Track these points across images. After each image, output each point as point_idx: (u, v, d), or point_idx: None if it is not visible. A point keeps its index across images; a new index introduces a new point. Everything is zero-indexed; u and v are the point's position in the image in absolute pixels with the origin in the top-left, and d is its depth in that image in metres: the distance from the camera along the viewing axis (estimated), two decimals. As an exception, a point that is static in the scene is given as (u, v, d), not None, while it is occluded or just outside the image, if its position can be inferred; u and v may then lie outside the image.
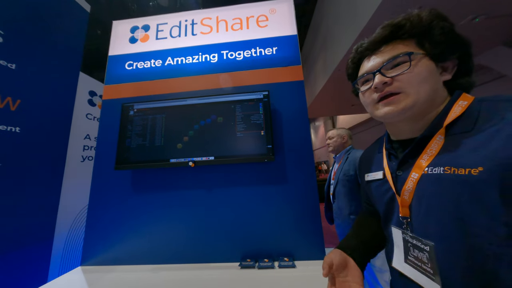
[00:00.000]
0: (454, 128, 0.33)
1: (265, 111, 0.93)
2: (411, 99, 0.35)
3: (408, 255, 0.36)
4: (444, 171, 0.31)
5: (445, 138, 0.33)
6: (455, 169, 0.30)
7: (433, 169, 0.33)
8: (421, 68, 0.34)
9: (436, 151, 0.34)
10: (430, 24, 0.34)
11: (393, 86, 0.35)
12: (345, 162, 1.29)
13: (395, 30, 0.36)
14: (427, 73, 0.34)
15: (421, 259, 0.34)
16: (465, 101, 0.34)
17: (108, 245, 0.92)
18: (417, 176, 0.35)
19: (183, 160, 0.92)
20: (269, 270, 0.76)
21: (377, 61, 0.38)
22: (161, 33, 1.16)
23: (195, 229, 0.91)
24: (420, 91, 0.34)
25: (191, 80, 1.08)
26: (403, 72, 0.34)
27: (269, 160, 0.88)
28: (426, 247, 0.33)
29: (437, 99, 0.36)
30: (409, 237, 0.36)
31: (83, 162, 1.56)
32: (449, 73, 0.36)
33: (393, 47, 0.37)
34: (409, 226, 0.36)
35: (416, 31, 0.35)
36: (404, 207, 0.37)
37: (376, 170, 0.45)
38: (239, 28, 1.12)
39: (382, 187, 0.42)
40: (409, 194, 0.36)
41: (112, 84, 1.12)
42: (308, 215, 0.87)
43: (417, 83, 0.34)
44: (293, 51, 1.06)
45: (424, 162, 0.34)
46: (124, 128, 0.98)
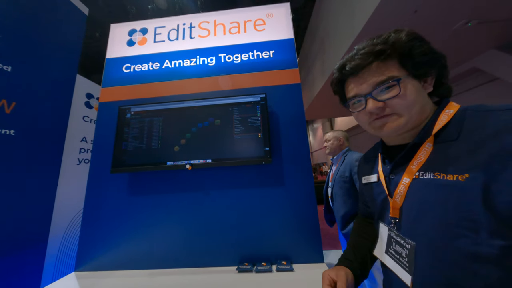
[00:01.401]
0: (442, 136, 0.35)
1: (262, 113, 0.93)
2: (404, 119, 0.37)
3: (389, 247, 0.41)
4: (434, 177, 0.34)
5: (434, 145, 0.36)
6: (444, 175, 0.32)
7: (424, 174, 0.35)
8: (410, 90, 0.36)
9: (425, 158, 0.36)
10: (411, 46, 0.36)
11: (387, 110, 0.38)
12: (341, 164, 1.31)
13: (377, 55, 0.37)
14: (415, 94, 0.36)
15: (400, 253, 0.38)
16: (451, 109, 0.36)
17: (103, 249, 0.91)
18: (408, 180, 0.37)
19: (180, 163, 0.92)
20: (267, 274, 0.76)
21: (365, 87, 0.39)
22: (159, 36, 1.17)
23: (192, 233, 0.90)
24: (412, 112, 0.37)
25: (188, 83, 1.08)
26: (395, 97, 0.36)
27: (267, 162, 0.88)
28: (408, 245, 0.36)
29: (425, 111, 0.38)
30: (394, 234, 0.40)
31: (79, 165, 1.54)
32: (430, 84, 0.39)
33: (378, 69, 0.38)
34: (396, 225, 0.40)
35: (397, 54, 0.37)
36: (395, 208, 0.40)
37: (371, 173, 0.49)
38: (237, 32, 1.13)
39: (377, 189, 0.46)
40: (401, 197, 0.38)
41: (109, 87, 1.12)
42: (306, 217, 0.87)
43: (408, 106, 0.36)
44: (290, 55, 1.07)
45: (414, 167, 0.37)
46: (121, 131, 0.98)
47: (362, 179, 0.52)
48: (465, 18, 1.93)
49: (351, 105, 0.44)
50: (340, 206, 1.25)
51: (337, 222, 1.30)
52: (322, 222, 1.52)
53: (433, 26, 2.01)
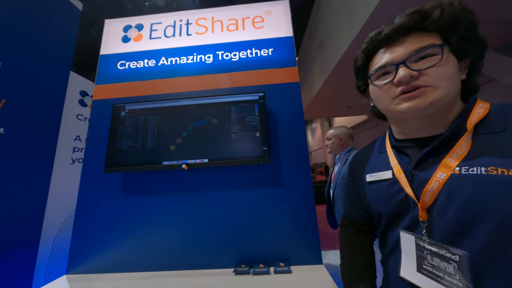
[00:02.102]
0: (481, 128, 0.32)
1: (260, 112, 0.92)
2: (440, 92, 0.32)
3: (424, 263, 0.32)
4: (487, 172, 0.29)
5: (473, 138, 0.32)
6: (503, 170, 0.28)
7: (470, 169, 0.30)
8: (450, 62, 0.33)
9: (466, 151, 0.31)
10: (460, 16, 0.32)
11: (421, 80, 0.32)
12: (343, 164, 1.24)
13: (422, 18, 0.33)
14: (455, 68, 0.33)
15: (444, 269, 0.30)
16: (484, 103, 0.33)
17: (95, 252, 0.88)
18: (445, 176, 0.31)
19: (176, 163, 0.90)
20: (265, 276, 0.74)
21: (401, 52, 0.34)
22: (155, 33, 1.15)
23: (188, 234, 0.88)
24: (450, 86, 0.32)
25: (185, 80, 1.06)
26: (435, 65, 0.32)
27: (264, 162, 0.87)
28: (455, 256, 0.29)
29: (457, 98, 0.35)
30: (427, 243, 0.32)
31: (73, 165, 1.51)
32: (463, 72, 0.35)
33: (417, 37, 0.34)
34: (427, 232, 0.33)
35: (444, 23, 0.33)
36: (424, 209, 0.33)
37: (381, 170, 0.41)
38: (235, 29, 1.11)
39: (392, 188, 0.38)
40: (431, 196, 0.32)
41: (103, 84, 1.09)
42: (304, 218, 0.86)
43: (448, 78, 0.32)
44: (289, 53, 1.05)
45: (453, 161, 0.31)
46: (115, 129, 0.95)
47: (366, 177, 0.44)
48: (463, 19, 1.94)
49: (373, 78, 0.38)
50: (342, 209, 1.21)
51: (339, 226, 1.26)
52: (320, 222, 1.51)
53: (432, 26, 2.01)
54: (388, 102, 0.37)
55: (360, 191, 0.48)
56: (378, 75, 0.38)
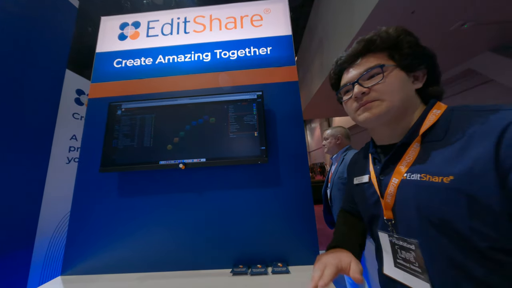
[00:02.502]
0: (429, 136, 0.36)
1: (258, 111, 0.91)
2: (385, 105, 0.38)
3: (397, 258, 0.38)
4: (420, 178, 0.34)
5: (421, 145, 0.36)
6: (430, 177, 0.33)
7: (411, 175, 0.36)
8: (393, 78, 0.39)
9: (413, 158, 0.37)
10: (398, 38, 0.39)
11: (370, 95, 0.40)
12: (340, 164, 1.26)
13: (367, 44, 0.41)
14: (398, 82, 0.38)
15: (409, 259, 0.36)
16: (439, 109, 0.37)
17: (91, 252, 0.87)
18: (397, 181, 0.38)
19: (173, 162, 0.89)
20: (262, 277, 0.74)
21: (354, 73, 0.42)
22: (152, 31, 1.13)
23: (185, 234, 0.87)
24: (394, 98, 0.38)
25: (183, 79, 1.05)
26: (378, 83, 0.39)
27: (263, 162, 0.86)
28: (411, 245, 0.35)
29: (411, 106, 0.39)
30: (395, 239, 0.38)
31: (69, 164, 1.49)
32: (420, 81, 0.40)
33: (367, 59, 0.41)
34: (394, 228, 0.38)
35: (386, 45, 0.40)
36: (388, 209, 0.39)
37: (363, 174, 0.49)
38: (233, 27, 1.10)
39: (368, 190, 0.45)
40: (391, 198, 0.38)
41: (99, 82, 1.08)
42: (302, 218, 0.86)
43: (390, 91, 0.38)
44: (288, 52, 1.05)
45: (403, 168, 0.37)
46: (111, 128, 0.94)
47: (353, 180, 0.52)
48: (461, 20, 1.95)
49: (342, 94, 0.46)
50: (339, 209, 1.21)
51: None
52: (318, 222, 1.51)
53: (430, 27, 2.03)
54: (353, 114, 0.44)
55: (351, 191, 0.55)
56: (343, 92, 0.46)
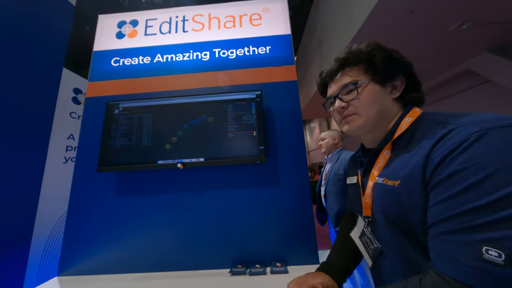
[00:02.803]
0: (398, 143, 0.39)
1: (257, 111, 0.91)
2: (362, 119, 0.42)
3: (362, 237, 0.48)
4: (382, 181, 0.39)
5: (391, 152, 0.40)
6: (387, 180, 0.38)
7: (379, 179, 0.40)
8: (367, 93, 0.41)
9: (383, 164, 0.41)
10: (370, 54, 0.42)
11: (349, 109, 0.43)
12: (336, 162, 1.35)
13: (343, 62, 0.44)
14: (372, 97, 0.41)
15: (368, 246, 0.45)
16: (411, 117, 0.40)
17: (88, 253, 0.86)
18: (372, 183, 0.42)
19: (172, 162, 0.88)
20: (261, 277, 0.74)
21: (334, 89, 0.46)
22: (150, 29, 1.12)
23: (183, 234, 0.87)
24: (369, 112, 0.41)
25: (181, 78, 1.05)
26: (353, 98, 0.42)
27: (261, 161, 0.86)
28: (373, 245, 0.43)
29: (389, 114, 0.42)
30: (368, 232, 0.45)
31: (66, 164, 1.47)
32: (398, 90, 0.43)
33: (345, 74, 0.44)
34: (369, 224, 0.45)
35: (360, 61, 0.43)
36: (367, 208, 0.44)
37: (353, 175, 0.54)
38: (232, 26, 1.10)
39: (356, 190, 0.50)
40: (369, 198, 0.43)
41: (97, 81, 1.07)
42: (301, 218, 0.86)
43: (365, 106, 0.41)
44: (287, 51, 1.04)
45: (376, 172, 0.42)
46: (108, 128, 0.93)
47: (347, 180, 0.57)
48: (460, 20, 1.96)
49: (327, 105, 0.51)
50: (334, 204, 1.27)
51: (330, 220, 1.33)
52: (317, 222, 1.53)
53: (429, 27, 2.03)
54: (338, 123, 0.48)
55: (347, 190, 0.60)
56: (329, 104, 0.50)
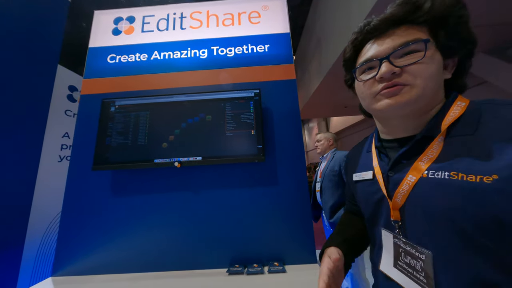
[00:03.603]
0: (454, 130, 0.31)
1: (256, 110, 0.90)
2: (415, 92, 0.32)
3: (399, 260, 0.34)
4: (449, 176, 0.29)
5: (445, 140, 0.31)
6: (463, 175, 0.28)
7: (436, 173, 0.31)
8: (433, 60, 0.32)
9: (436, 154, 0.31)
10: (451, 10, 0.31)
11: (402, 77, 0.32)
12: (331, 160, 1.46)
13: (412, 9, 0.32)
14: (437, 67, 0.32)
15: (413, 266, 0.32)
16: (463, 102, 0.32)
17: (83, 253, 0.85)
18: (414, 179, 0.33)
19: (169, 161, 0.87)
20: (259, 276, 0.73)
21: (387, 46, 0.33)
22: (147, 26, 1.11)
23: (180, 233, 0.86)
24: (427, 85, 0.31)
25: (178, 76, 1.03)
26: (416, 62, 0.31)
27: (259, 160, 0.86)
28: (422, 255, 0.31)
29: (437, 98, 0.34)
30: (402, 242, 0.34)
31: (61, 162, 1.45)
32: (449, 71, 0.34)
33: (406, 30, 0.33)
34: (401, 231, 0.34)
35: (434, 15, 0.32)
36: (395, 210, 0.35)
37: (364, 170, 0.43)
38: (231, 24, 1.09)
39: (371, 188, 0.40)
40: (402, 197, 0.34)
41: (92, 78, 1.05)
42: (299, 217, 0.86)
43: (426, 77, 0.31)
44: (286, 49, 1.04)
45: (423, 164, 0.32)
46: (104, 126, 0.92)
47: (353, 176, 0.46)
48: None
49: (358, 72, 0.38)
50: (329, 198, 1.36)
51: (325, 213, 1.41)
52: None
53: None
54: (369, 99, 0.37)
55: (350, 187, 0.50)
56: (363, 69, 0.37)
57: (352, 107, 4.55)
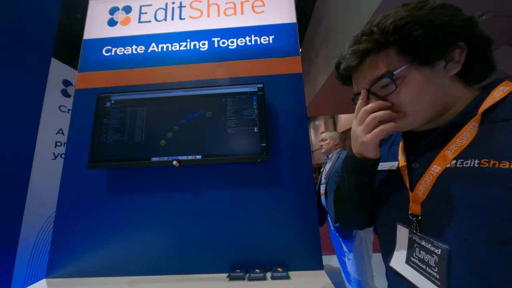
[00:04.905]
0: (493, 114, 0.29)
1: (259, 105, 0.90)
2: (410, 117, 0.34)
3: (412, 256, 0.35)
4: (479, 164, 0.28)
5: (480, 126, 0.30)
6: (495, 162, 0.26)
7: (464, 162, 0.29)
8: (410, 83, 0.33)
9: (467, 141, 0.30)
10: (402, 34, 0.31)
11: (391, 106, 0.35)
12: (336, 161, 1.46)
13: (364, 54, 0.35)
14: (418, 86, 0.32)
15: (427, 261, 0.32)
16: (507, 86, 0.31)
17: (78, 254, 0.87)
18: (439, 169, 0.32)
19: (167, 159, 0.88)
20: (261, 282, 0.74)
21: (362, 84, 0.38)
22: (144, 16, 1.11)
23: (179, 236, 0.87)
24: (417, 107, 0.33)
25: (177, 69, 1.04)
26: (391, 94, 0.34)
27: (263, 160, 0.85)
28: (438, 250, 0.30)
29: (449, 97, 0.33)
30: (417, 237, 0.34)
31: (55, 160, 1.48)
32: (457, 61, 0.32)
33: (374, 62, 0.35)
34: (418, 225, 0.34)
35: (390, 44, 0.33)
36: (416, 203, 0.34)
37: (390, 160, 0.43)
38: (233, 13, 1.08)
39: (393, 180, 0.40)
40: (424, 190, 0.33)
41: (87, 72, 1.06)
42: (304, 221, 0.85)
43: (410, 101, 0.33)
44: (292, 41, 1.03)
45: (450, 153, 0.31)
46: (99, 122, 0.93)
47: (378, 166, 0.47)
48: (479, 10, 1.92)
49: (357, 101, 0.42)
50: None
51: (330, 217, 1.43)
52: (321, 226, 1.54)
53: (446, 17, 1.99)
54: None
55: None
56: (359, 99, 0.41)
57: (362, 103, 4.48)
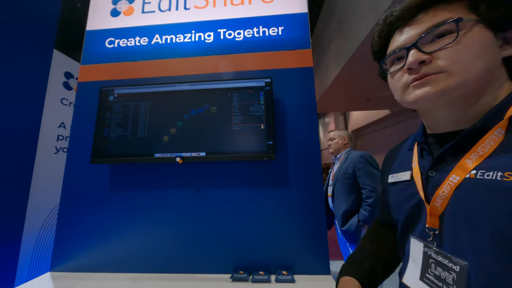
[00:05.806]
0: None
1: (266, 101, 0.90)
2: (455, 79, 0.29)
3: (427, 272, 0.33)
4: (503, 177, 0.26)
5: (506, 133, 0.28)
6: None
7: (486, 173, 0.28)
8: (473, 39, 0.29)
9: (490, 150, 0.28)
10: None
11: (432, 66, 0.30)
12: (345, 161, 1.44)
13: (432, 3, 0.31)
14: (480, 46, 0.29)
15: (444, 279, 0.31)
16: None
17: (81, 249, 0.91)
18: (458, 179, 0.30)
19: (170, 156, 0.90)
20: (265, 285, 0.75)
21: (413, 33, 0.33)
22: (148, 6, 1.12)
23: (181, 234, 0.89)
24: (470, 70, 0.29)
25: (181, 62, 1.05)
26: (447, 45, 0.29)
27: (269, 158, 0.86)
28: (456, 266, 0.29)
29: (493, 82, 0.30)
30: (434, 252, 0.33)
31: (57, 154, 1.54)
32: None
33: (435, 14, 0.31)
34: (435, 240, 0.33)
35: None
36: (433, 216, 0.33)
37: (402, 170, 0.41)
38: (240, 3, 1.08)
39: (407, 190, 0.39)
40: (442, 202, 0.32)
41: (90, 64, 1.09)
42: (311, 223, 0.86)
43: (466, 60, 0.29)
44: (302, 32, 1.02)
45: (470, 162, 0.30)
46: (102, 116, 0.95)
47: (388, 178, 0.45)
48: None
49: (388, 63, 0.38)
50: (342, 203, 1.36)
51: (337, 220, 1.41)
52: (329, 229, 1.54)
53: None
54: (400, 92, 0.36)
55: (385, 192, 0.49)
56: (392, 60, 0.37)
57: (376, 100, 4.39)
